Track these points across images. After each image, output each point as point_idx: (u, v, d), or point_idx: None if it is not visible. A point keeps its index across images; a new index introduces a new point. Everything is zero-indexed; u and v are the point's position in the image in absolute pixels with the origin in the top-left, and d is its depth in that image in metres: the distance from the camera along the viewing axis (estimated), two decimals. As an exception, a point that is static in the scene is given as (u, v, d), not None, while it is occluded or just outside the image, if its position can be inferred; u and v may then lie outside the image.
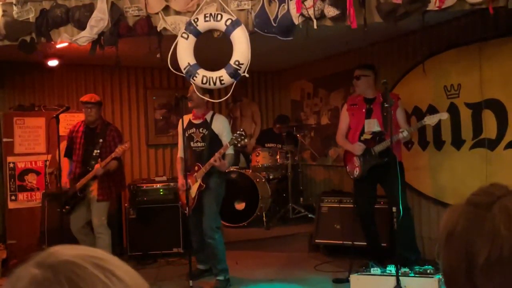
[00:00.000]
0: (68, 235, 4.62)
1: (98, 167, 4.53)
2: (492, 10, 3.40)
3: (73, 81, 6.65)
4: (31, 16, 3.90)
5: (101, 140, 4.65)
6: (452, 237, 0.90)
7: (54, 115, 4.57)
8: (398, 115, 4.59)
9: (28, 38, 3.95)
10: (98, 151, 4.63)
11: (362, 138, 4.59)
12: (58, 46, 4.60)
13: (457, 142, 4.89)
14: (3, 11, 3.94)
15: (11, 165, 5.67)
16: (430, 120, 4.31)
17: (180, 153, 4.73)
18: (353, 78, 4.73)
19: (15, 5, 3.88)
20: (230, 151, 4.45)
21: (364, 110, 4.63)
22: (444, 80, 4.99)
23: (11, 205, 5.64)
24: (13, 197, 5.67)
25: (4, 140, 5.68)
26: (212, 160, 4.31)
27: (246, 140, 4.40)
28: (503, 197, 0.89)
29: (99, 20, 3.78)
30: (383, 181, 4.55)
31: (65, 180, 4.73)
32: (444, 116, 4.31)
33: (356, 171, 4.56)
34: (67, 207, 4.67)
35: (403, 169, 4.55)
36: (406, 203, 4.48)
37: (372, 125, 4.57)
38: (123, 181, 5.02)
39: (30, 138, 5.77)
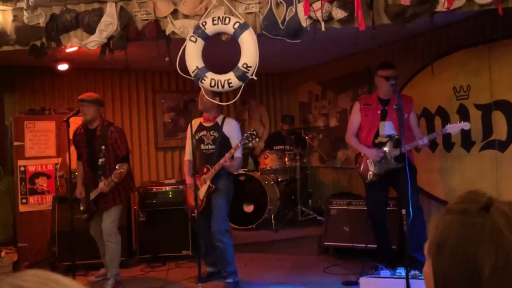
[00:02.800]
0: (78, 238, 4.64)
1: (102, 187, 4.50)
2: (501, 11, 3.38)
3: (83, 85, 6.70)
4: (41, 21, 3.95)
5: (103, 147, 4.53)
6: (444, 247, 0.86)
7: (65, 119, 4.57)
8: (411, 118, 4.45)
9: (38, 43, 3.99)
10: (103, 159, 4.54)
11: (376, 141, 4.44)
12: (68, 50, 4.64)
13: (467, 144, 4.85)
14: (14, 16, 3.99)
15: (22, 168, 5.73)
16: (452, 129, 4.16)
17: (187, 155, 4.71)
18: (380, 77, 4.45)
19: (26, 10, 3.93)
20: (238, 154, 4.46)
21: (379, 112, 4.46)
22: (453, 82, 4.96)
23: (22, 208, 5.69)
24: (24, 200, 5.72)
25: (15, 143, 5.74)
26: (222, 160, 4.32)
27: (257, 140, 4.40)
28: (495, 202, 0.86)
29: (108, 24, 3.81)
30: (396, 185, 4.40)
31: (80, 188, 4.75)
32: (467, 126, 4.16)
33: (370, 175, 4.43)
34: (85, 215, 4.70)
35: (415, 172, 4.48)
36: (419, 205, 4.42)
37: (387, 128, 4.42)
38: (132, 183, 4.97)
39: (40, 141, 5.82)
